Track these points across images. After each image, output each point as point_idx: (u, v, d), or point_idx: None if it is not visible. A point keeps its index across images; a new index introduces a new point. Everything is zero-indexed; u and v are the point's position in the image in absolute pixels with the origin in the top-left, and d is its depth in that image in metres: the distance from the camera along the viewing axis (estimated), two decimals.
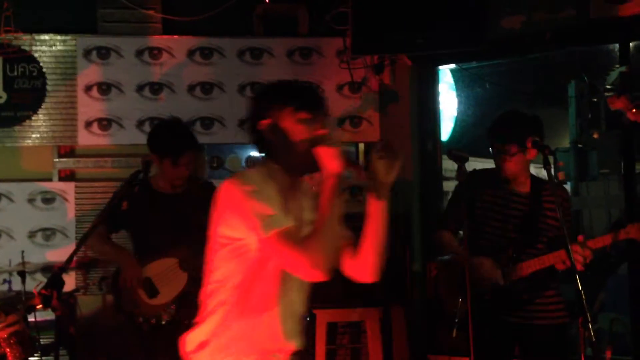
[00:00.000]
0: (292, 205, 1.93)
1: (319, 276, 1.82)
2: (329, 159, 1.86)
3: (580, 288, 2.43)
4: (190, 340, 1.98)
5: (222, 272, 1.93)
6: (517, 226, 3.07)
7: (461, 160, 2.54)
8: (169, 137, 3.28)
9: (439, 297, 3.29)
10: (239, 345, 1.91)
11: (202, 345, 1.94)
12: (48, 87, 4.36)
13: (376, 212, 1.93)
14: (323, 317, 3.96)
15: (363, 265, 2.01)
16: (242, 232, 1.86)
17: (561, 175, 2.91)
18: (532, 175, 3.15)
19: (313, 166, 1.90)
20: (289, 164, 1.96)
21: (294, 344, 1.99)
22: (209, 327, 1.94)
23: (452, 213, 3.19)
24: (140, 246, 3.32)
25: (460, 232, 3.23)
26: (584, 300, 2.39)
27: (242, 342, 1.91)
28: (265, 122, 1.95)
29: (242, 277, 1.90)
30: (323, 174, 1.88)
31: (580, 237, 2.90)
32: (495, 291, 3.01)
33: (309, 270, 1.82)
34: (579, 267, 2.77)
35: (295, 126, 1.91)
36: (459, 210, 3.03)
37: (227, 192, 1.89)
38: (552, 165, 2.71)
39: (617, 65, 4.02)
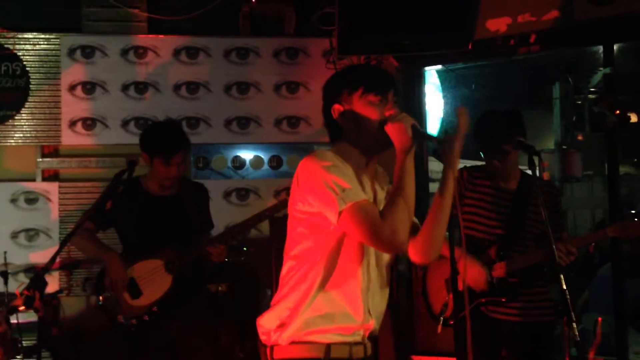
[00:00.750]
0: (366, 184, 1.97)
1: (397, 247, 1.84)
2: (399, 135, 1.90)
3: (565, 287, 2.45)
4: (270, 319, 1.97)
5: (301, 248, 1.94)
6: (504, 222, 3.10)
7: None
8: (162, 135, 3.26)
9: (425, 295, 3.30)
10: (320, 322, 1.90)
11: (283, 324, 1.93)
12: (31, 86, 4.33)
13: (448, 183, 1.95)
14: None
15: (427, 242, 2.00)
16: (319, 206, 1.86)
17: (546, 176, 2.93)
18: (521, 172, 3.16)
19: (386, 144, 1.96)
20: (363, 145, 1.99)
21: (373, 323, 1.98)
22: (289, 304, 1.93)
23: None
24: (128, 246, 3.29)
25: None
26: (568, 300, 2.40)
27: (324, 319, 1.90)
28: (337, 108, 1.98)
29: (321, 252, 1.90)
30: (397, 150, 1.92)
31: (565, 235, 2.93)
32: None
33: (387, 241, 1.82)
34: (562, 264, 2.79)
35: (365, 108, 1.96)
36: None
37: (304, 168, 1.91)
38: (537, 166, 2.73)
39: (601, 68, 4.06)
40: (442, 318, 3.07)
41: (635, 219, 2.90)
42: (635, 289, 5.06)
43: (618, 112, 3.57)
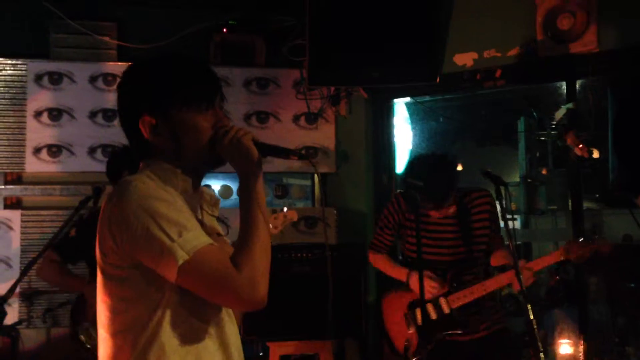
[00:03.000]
0: (196, 213, 1.56)
1: (258, 302, 1.43)
2: (240, 156, 1.50)
3: (532, 317, 2.47)
4: None
5: (126, 319, 1.45)
6: (448, 248, 3.14)
7: (416, 189, 2.57)
8: (128, 157, 3.24)
9: (386, 333, 3.31)
10: None
11: None
12: None
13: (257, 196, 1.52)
14: (276, 350, 3.89)
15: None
16: (147, 259, 1.40)
17: (513, 206, 2.99)
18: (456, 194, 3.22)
19: (218, 163, 1.57)
20: (186, 166, 1.54)
21: None
22: None
23: (381, 237, 3.31)
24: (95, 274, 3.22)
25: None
26: (535, 330, 2.43)
27: None
28: (147, 120, 1.50)
29: (157, 319, 1.44)
30: (239, 175, 1.53)
31: (522, 262, 2.98)
32: (441, 315, 3.08)
33: (246, 297, 1.40)
34: (517, 287, 2.85)
35: (187, 122, 1.51)
36: (388, 233, 3.16)
37: (118, 206, 1.41)
38: (504, 197, 2.78)
39: (562, 106, 4.17)
40: (408, 357, 3.08)
41: (580, 239, 2.97)
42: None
43: (581, 146, 3.65)
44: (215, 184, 4.57)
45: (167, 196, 1.44)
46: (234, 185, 4.57)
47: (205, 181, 4.51)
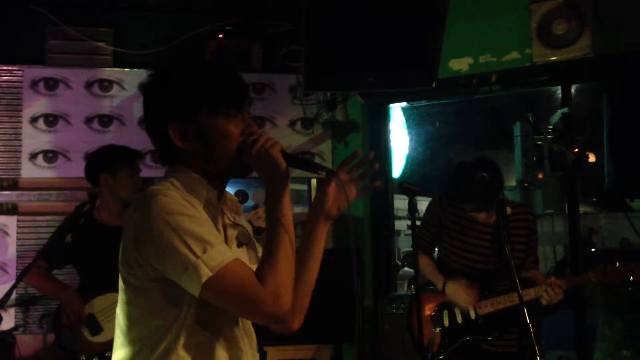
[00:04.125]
0: (219, 223, 1.55)
1: (282, 317, 1.41)
2: (268, 166, 1.48)
3: (529, 322, 2.47)
4: None
5: (144, 328, 1.47)
6: (483, 256, 3.14)
7: (412, 194, 2.57)
8: (115, 148, 3.27)
9: (411, 329, 3.30)
10: None
11: None
12: None
13: (321, 236, 1.60)
14: (274, 355, 3.89)
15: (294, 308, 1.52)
16: (170, 272, 1.40)
17: (509, 211, 3.00)
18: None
19: (244, 172, 1.55)
20: (213, 174, 1.54)
21: None
22: None
23: (426, 236, 3.31)
24: (86, 281, 3.22)
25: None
26: (532, 334, 2.43)
27: None
28: (176, 127, 1.50)
29: (175, 330, 1.45)
30: (267, 187, 1.51)
31: (552, 279, 2.98)
32: (467, 320, 3.08)
33: (270, 312, 1.39)
34: (545, 302, 2.91)
35: (218, 128, 1.50)
36: (431, 233, 3.17)
37: (143, 217, 1.41)
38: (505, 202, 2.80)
39: (557, 110, 4.19)
40: (429, 354, 3.09)
41: (617, 264, 2.93)
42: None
43: (577, 151, 3.66)
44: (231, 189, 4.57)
45: (191, 210, 1.43)
46: (231, 191, 4.57)
47: None
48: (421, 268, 3.36)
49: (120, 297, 1.52)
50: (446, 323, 3.16)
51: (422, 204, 3.52)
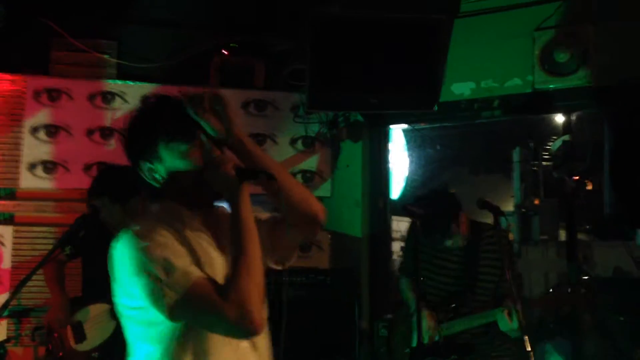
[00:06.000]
0: (203, 240, 1.62)
1: (251, 330, 1.46)
2: (222, 182, 1.58)
3: (529, 349, 2.46)
4: None
5: (142, 351, 1.58)
6: (456, 279, 3.14)
7: (415, 216, 2.57)
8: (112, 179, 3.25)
9: (391, 354, 3.30)
10: None
11: None
12: None
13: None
14: None
15: (303, 216, 1.73)
16: (146, 299, 1.49)
17: (510, 236, 3.00)
18: (471, 223, 3.22)
19: (216, 194, 1.64)
20: (187, 202, 1.64)
21: None
22: None
23: (405, 259, 3.32)
24: (88, 285, 3.22)
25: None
26: None
27: None
28: (146, 165, 1.64)
29: (168, 354, 1.54)
30: (225, 199, 1.62)
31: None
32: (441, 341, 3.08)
33: (236, 325, 1.44)
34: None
35: (176, 160, 1.61)
36: (408, 257, 3.18)
37: (119, 252, 1.53)
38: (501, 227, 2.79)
39: (555, 137, 4.21)
40: None
41: (550, 290, 3.01)
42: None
43: (577, 178, 3.68)
44: None
45: (160, 238, 1.51)
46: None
47: None
48: (401, 290, 3.38)
49: (123, 324, 1.64)
50: (414, 344, 3.15)
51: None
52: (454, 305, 3.12)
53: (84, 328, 3.10)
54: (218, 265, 1.60)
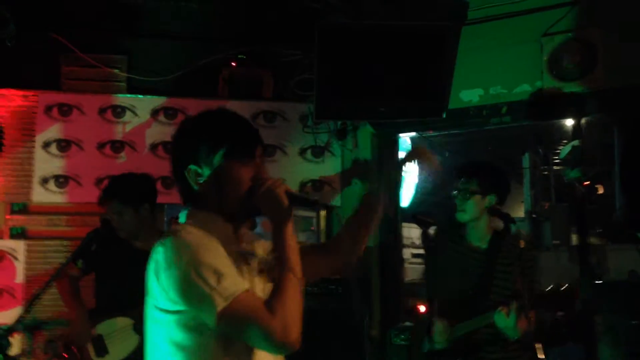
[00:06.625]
0: (236, 257, 1.64)
1: (290, 346, 1.50)
2: (272, 205, 1.60)
3: (542, 357, 2.45)
4: None
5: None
6: (474, 283, 3.11)
7: (426, 225, 2.57)
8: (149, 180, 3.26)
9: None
10: None
11: None
12: (4, 142, 4.26)
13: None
14: None
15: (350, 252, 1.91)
16: (190, 305, 1.51)
17: (522, 243, 2.97)
18: (494, 231, 3.19)
19: (255, 212, 1.66)
20: (227, 213, 1.65)
21: None
22: None
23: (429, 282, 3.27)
24: (104, 297, 3.22)
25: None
26: None
27: None
28: (193, 170, 1.64)
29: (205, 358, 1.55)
30: (272, 224, 1.63)
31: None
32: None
33: (279, 341, 1.48)
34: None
35: (230, 172, 1.63)
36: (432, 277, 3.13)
37: (164, 257, 1.53)
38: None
39: (565, 141, 4.20)
40: None
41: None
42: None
43: (587, 183, 3.67)
44: None
45: (208, 244, 1.54)
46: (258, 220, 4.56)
47: None
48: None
49: (149, 343, 1.62)
50: (425, 349, 3.08)
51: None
52: (467, 308, 3.08)
53: (105, 342, 3.11)
54: (246, 277, 1.64)
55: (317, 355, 3.57)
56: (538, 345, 2.49)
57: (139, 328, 3.08)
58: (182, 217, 1.69)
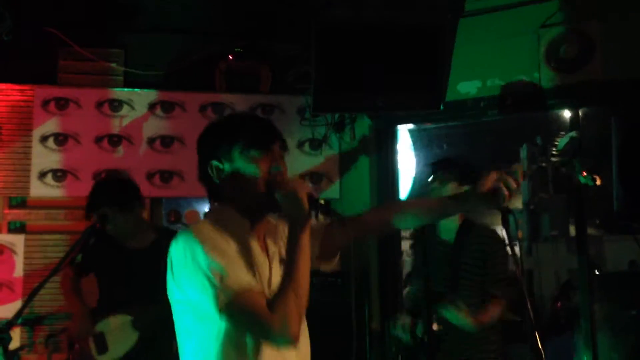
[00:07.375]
0: (254, 248, 1.75)
1: (289, 341, 1.62)
2: (294, 206, 1.67)
3: (540, 346, 2.45)
4: None
5: (190, 345, 1.71)
6: (444, 273, 3.12)
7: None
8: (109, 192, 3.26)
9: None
10: None
11: None
12: (2, 137, 4.26)
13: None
14: None
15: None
16: (199, 296, 1.63)
17: (520, 234, 2.97)
18: (463, 224, 3.19)
19: (274, 207, 1.74)
20: (245, 207, 1.75)
21: None
22: None
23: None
24: (104, 297, 3.23)
25: None
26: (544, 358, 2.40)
27: None
28: (215, 165, 1.76)
29: (215, 345, 1.67)
30: (289, 223, 1.71)
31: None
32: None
33: (277, 336, 1.60)
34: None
35: (247, 166, 1.73)
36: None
37: (177, 252, 1.66)
38: (510, 225, 2.76)
39: (563, 132, 4.20)
40: None
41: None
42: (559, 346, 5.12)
43: (585, 174, 3.67)
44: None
45: (217, 242, 1.65)
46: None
47: (208, 205, 4.55)
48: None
49: (175, 320, 1.76)
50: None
51: None
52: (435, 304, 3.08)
53: (105, 339, 3.12)
54: (265, 270, 1.75)
55: (317, 348, 3.59)
56: (536, 334, 2.48)
57: (137, 324, 3.10)
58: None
